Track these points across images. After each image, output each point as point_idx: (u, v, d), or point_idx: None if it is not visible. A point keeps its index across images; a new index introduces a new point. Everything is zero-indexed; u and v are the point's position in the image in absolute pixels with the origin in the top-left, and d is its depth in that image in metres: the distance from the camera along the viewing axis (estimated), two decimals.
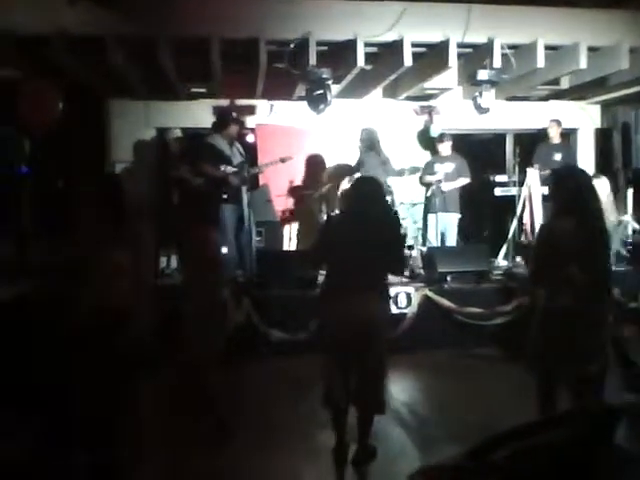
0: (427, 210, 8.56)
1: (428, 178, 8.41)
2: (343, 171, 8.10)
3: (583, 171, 4.13)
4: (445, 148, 8.52)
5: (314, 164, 8.81)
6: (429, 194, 8.40)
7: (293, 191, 8.80)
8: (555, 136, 8.61)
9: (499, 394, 5.23)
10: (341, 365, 3.90)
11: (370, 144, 7.78)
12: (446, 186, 8.23)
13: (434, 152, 8.86)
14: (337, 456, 4.02)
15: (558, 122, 8.63)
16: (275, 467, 4.02)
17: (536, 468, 1.17)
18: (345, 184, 7.58)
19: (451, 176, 8.35)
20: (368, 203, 3.92)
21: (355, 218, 3.93)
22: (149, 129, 8.71)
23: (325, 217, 7.46)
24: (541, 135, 8.95)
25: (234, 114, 7.58)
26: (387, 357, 4.02)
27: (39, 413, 3.44)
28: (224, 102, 8.71)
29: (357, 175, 7.22)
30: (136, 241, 3.67)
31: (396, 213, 5.79)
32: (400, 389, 5.55)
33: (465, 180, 8.43)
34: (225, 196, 7.14)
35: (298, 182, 8.83)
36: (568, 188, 3.79)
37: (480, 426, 3.97)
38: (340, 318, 3.82)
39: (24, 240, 6.54)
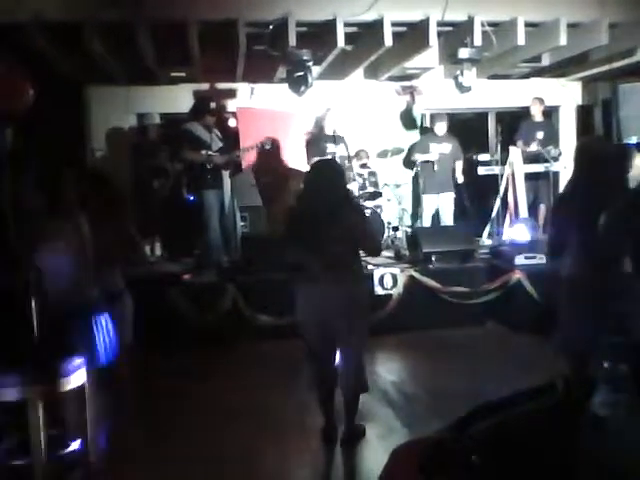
0: (421, 191, 8.40)
1: (421, 156, 8.33)
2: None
3: (602, 140, 4.03)
4: (441, 128, 8.43)
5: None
6: (419, 171, 8.31)
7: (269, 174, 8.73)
8: (537, 114, 8.62)
9: (487, 371, 5.28)
10: (322, 348, 3.93)
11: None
12: (443, 166, 8.23)
13: (424, 131, 8.85)
14: (326, 436, 4.08)
15: (541, 100, 8.64)
16: (266, 449, 4.03)
17: (515, 437, 1.18)
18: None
19: (448, 157, 8.32)
20: (326, 186, 3.87)
21: (314, 202, 3.87)
22: (129, 115, 8.62)
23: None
24: (523, 113, 8.97)
25: (212, 104, 7.49)
26: (366, 337, 4.03)
27: None
28: (204, 86, 8.64)
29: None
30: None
31: (353, 197, 5.41)
32: (387, 369, 5.58)
33: (460, 163, 8.45)
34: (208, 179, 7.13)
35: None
36: (589, 157, 3.74)
37: (468, 403, 3.99)
38: (315, 302, 3.84)
39: None
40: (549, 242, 3.96)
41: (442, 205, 8.33)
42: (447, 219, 8.36)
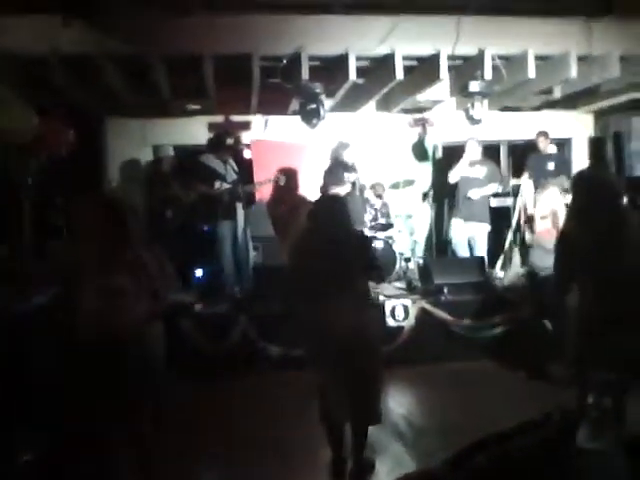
0: (453, 215, 8.23)
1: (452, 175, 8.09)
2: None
3: (600, 173, 4.09)
4: (473, 151, 8.07)
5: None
6: (460, 199, 8.06)
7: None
8: (545, 147, 8.49)
9: (497, 404, 5.21)
10: (333, 379, 3.89)
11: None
12: (477, 192, 7.92)
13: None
14: (334, 470, 4.00)
15: (545, 133, 8.48)
16: None
17: (510, 470, 1.17)
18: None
19: (481, 182, 8.01)
20: (331, 220, 3.94)
21: (320, 235, 3.94)
22: (146, 147, 8.74)
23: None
24: (534, 145, 8.96)
25: (229, 140, 7.60)
26: (380, 366, 4.01)
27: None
28: (219, 118, 8.77)
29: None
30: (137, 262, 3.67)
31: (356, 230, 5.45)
32: (398, 402, 5.52)
33: (495, 186, 8.11)
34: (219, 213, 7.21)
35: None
36: (588, 190, 3.70)
37: (478, 437, 3.94)
38: (325, 333, 3.82)
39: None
40: (555, 278, 3.90)
41: (475, 235, 8.04)
42: (480, 251, 7.99)
